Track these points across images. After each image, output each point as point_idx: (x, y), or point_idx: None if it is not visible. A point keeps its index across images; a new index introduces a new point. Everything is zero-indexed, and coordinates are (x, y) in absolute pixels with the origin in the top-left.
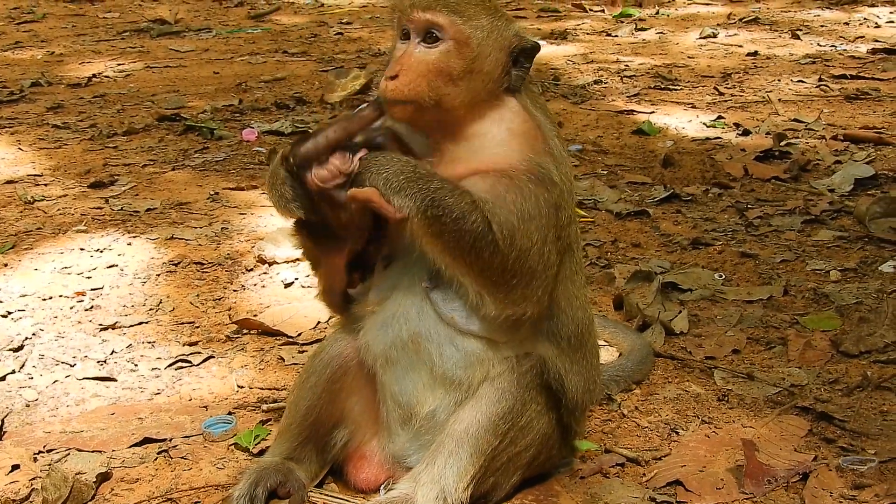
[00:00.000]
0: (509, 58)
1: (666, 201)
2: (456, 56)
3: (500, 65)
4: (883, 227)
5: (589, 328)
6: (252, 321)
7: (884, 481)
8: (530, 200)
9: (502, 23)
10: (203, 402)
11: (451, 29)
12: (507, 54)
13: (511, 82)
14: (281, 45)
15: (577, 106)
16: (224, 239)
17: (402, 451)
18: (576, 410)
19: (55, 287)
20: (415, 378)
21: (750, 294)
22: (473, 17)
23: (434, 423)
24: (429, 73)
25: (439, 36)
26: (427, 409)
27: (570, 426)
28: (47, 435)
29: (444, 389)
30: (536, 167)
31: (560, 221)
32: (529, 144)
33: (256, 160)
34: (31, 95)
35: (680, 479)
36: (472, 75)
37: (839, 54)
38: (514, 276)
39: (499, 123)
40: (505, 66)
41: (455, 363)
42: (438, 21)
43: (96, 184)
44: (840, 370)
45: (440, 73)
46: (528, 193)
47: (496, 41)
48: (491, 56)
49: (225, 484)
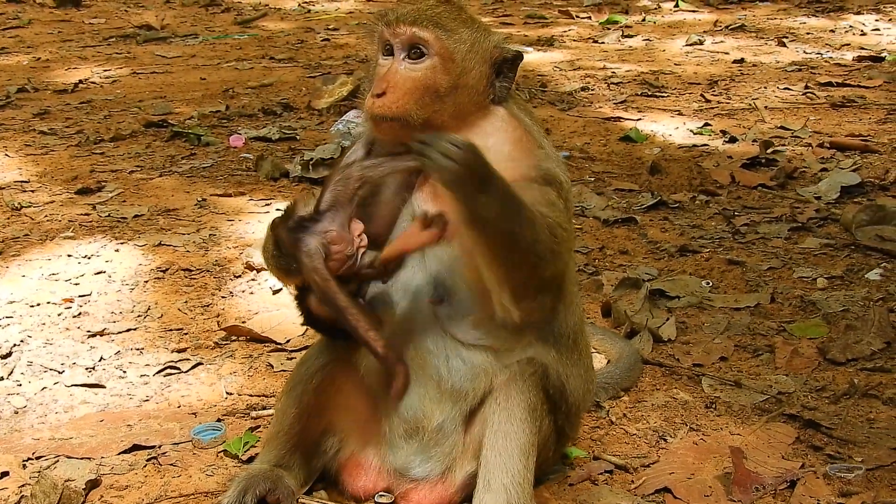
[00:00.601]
0: (493, 69)
1: (653, 208)
2: (442, 71)
3: (484, 77)
4: (869, 234)
5: (581, 330)
6: (240, 328)
7: (871, 489)
8: (558, 207)
9: (483, 35)
10: (192, 408)
11: (437, 44)
12: (490, 66)
13: (496, 94)
14: (268, 51)
15: (564, 113)
16: (212, 245)
17: (406, 463)
18: (572, 414)
19: (43, 294)
20: (421, 392)
21: (737, 301)
22: (456, 31)
23: (442, 436)
24: (416, 89)
25: (424, 51)
26: (435, 422)
27: (564, 431)
28: (36, 442)
29: (451, 402)
30: (545, 172)
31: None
32: (528, 150)
33: (244, 166)
34: (17, 101)
35: (668, 487)
36: (458, 90)
37: (825, 62)
38: (551, 283)
39: (491, 135)
40: (489, 78)
41: (462, 375)
42: (424, 36)
43: (83, 190)
44: (827, 378)
45: (427, 89)
46: (554, 200)
47: (479, 54)
48: (475, 69)
49: (214, 491)
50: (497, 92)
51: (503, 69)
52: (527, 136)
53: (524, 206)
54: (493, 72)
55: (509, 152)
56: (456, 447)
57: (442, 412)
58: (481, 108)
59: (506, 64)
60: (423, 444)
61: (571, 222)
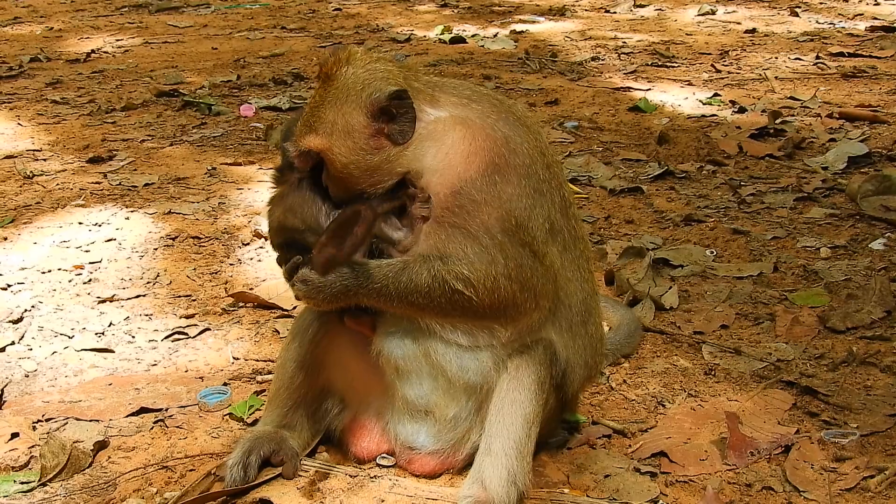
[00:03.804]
0: (379, 121)
1: (660, 178)
2: (331, 164)
3: (373, 133)
4: (874, 204)
5: (591, 302)
6: (248, 294)
7: (864, 454)
8: (491, 230)
9: (349, 100)
10: (199, 373)
11: (312, 146)
12: (372, 121)
13: (394, 139)
14: (279, 21)
15: (573, 83)
16: (221, 213)
17: (412, 438)
18: (576, 388)
19: (54, 260)
20: (433, 384)
21: (740, 270)
22: (322, 122)
23: (455, 424)
24: (340, 182)
25: (314, 157)
26: (450, 413)
27: (567, 401)
28: (46, 404)
29: (465, 396)
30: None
31: (547, 207)
32: (469, 149)
33: (254, 135)
34: (30, 71)
35: (665, 451)
36: (359, 162)
37: (837, 32)
38: (511, 305)
39: (434, 145)
40: (380, 130)
41: (473, 371)
42: (303, 147)
43: (95, 159)
44: (826, 346)
45: (340, 181)
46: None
47: (349, 122)
48: (357, 138)
49: (219, 452)
50: (396, 138)
51: (391, 110)
52: (470, 133)
53: (418, 289)
54: (379, 123)
55: (437, 169)
56: (468, 430)
57: (457, 404)
58: (400, 148)
59: (393, 105)
60: (433, 427)
61: (538, 218)
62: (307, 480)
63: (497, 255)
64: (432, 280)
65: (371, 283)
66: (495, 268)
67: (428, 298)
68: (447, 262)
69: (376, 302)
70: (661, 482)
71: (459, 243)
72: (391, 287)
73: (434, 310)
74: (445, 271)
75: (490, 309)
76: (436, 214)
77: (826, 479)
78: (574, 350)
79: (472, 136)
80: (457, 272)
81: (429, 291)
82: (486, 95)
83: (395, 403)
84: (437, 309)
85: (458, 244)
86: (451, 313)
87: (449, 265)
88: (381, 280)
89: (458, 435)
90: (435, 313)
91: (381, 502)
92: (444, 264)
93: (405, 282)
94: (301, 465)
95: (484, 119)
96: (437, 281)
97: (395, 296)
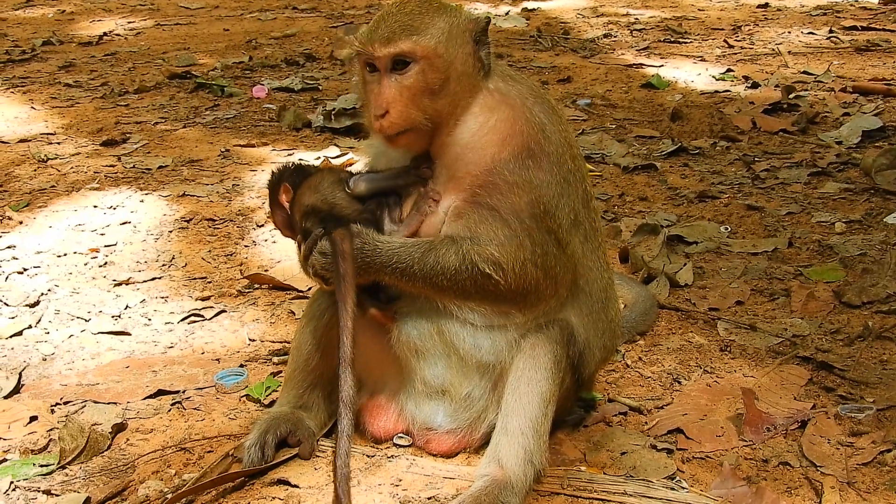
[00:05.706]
0: (475, 44)
1: (673, 155)
2: (431, 71)
3: (470, 56)
4: (889, 178)
5: (609, 290)
6: (263, 276)
7: (881, 428)
8: (521, 214)
9: (455, 16)
10: (215, 354)
11: (418, 50)
12: (471, 42)
13: (484, 65)
14: (291, 2)
15: (586, 60)
16: (235, 195)
17: (429, 418)
18: (593, 369)
19: (69, 244)
20: (448, 363)
21: (755, 246)
22: (430, 28)
23: (470, 402)
24: (413, 97)
25: (409, 60)
26: (464, 392)
27: (583, 381)
28: (64, 388)
29: (479, 374)
30: (524, 154)
31: (572, 198)
32: (509, 131)
33: (267, 117)
34: (42, 54)
35: (681, 427)
36: (452, 80)
37: (850, 5)
38: (533, 291)
39: (477, 119)
40: (475, 53)
41: (487, 350)
42: (403, 49)
43: (109, 142)
44: (842, 320)
45: (423, 92)
46: (512, 207)
47: (458, 37)
48: (460, 52)
49: (237, 434)
50: (484, 62)
51: (480, 38)
52: (511, 113)
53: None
54: (475, 47)
55: (484, 140)
56: (485, 409)
57: (470, 382)
58: (473, 89)
59: (480, 32)
60: (449, 406)
61: (565, 207)
62: (325, 461)
63: (525, 240)
64: (460, 262)
65: (396, 262)
66: (523, 252)
67: (453, 281)
68: (477, 243)
69: (397, 281)
70: (677, 459)
71: (490, 225)
72: (416, 268)
73: (456, 292)
74: (475, 252)
75: (513, 293)
76: (466, 195)
77: (842, 454)
78: (594, 333)
79: (514, 119)
80: (488, 254)
81: (455, 274)
82: (523, 77)
83: (411, 383)
84: (460, 292)
85: (490, 226)
86: (472, 296)
87: (480, 246)
88: (406, 260)
89: (474, 414)
90: (456, 295)
91: (398, 481)
92: (474, 245)
93: (431, 263)
94: (318, 445)
95: (524, 101)
96: (465, 263)
97: (419, 276)
